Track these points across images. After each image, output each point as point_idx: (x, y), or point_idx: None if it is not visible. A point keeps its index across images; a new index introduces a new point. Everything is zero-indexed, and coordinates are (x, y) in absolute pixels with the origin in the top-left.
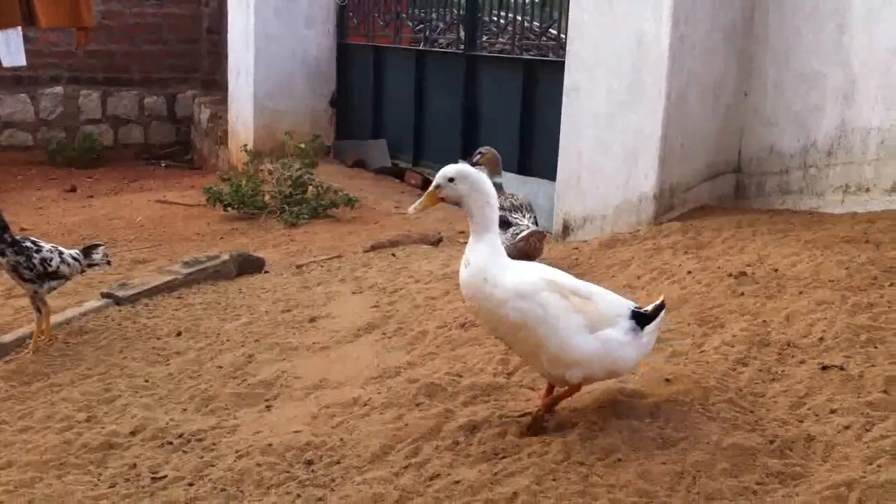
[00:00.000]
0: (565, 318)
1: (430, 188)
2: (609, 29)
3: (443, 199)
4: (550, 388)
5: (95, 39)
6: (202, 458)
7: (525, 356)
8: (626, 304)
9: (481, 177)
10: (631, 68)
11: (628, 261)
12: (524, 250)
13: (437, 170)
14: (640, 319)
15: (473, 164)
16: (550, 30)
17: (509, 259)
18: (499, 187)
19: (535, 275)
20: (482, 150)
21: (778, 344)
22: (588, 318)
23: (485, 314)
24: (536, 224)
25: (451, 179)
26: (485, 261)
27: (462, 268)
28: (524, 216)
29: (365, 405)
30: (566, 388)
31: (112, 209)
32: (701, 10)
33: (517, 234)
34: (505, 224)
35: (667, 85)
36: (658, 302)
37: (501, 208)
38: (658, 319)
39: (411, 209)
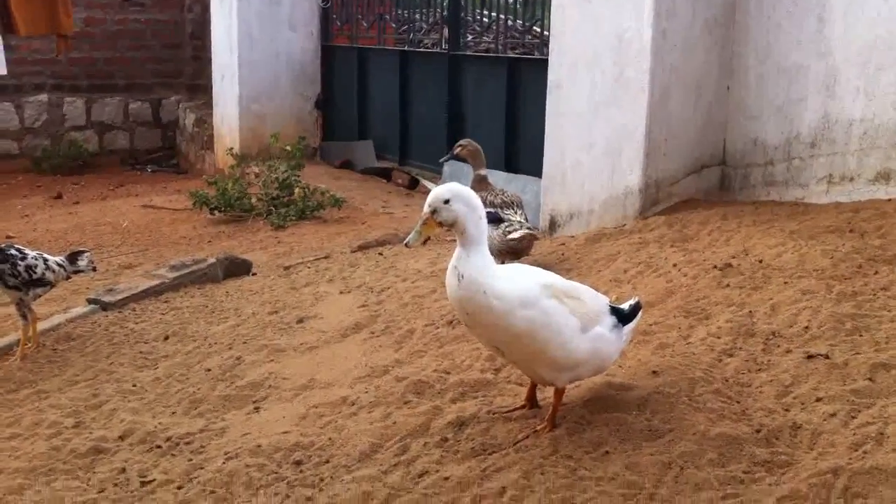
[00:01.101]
0: (565, 322)
1: (425, 214)
2: (591, 25)
3: (440, 224)
4: (533, 387)
5: (78, 46)
6: (191, 461)
7: (520, 362)
8: (604, 301)
9: (473, 193)
10: (613, 64)
11: (615, 255)
12: (515, 248)
13: (424, 169)
14: (618, 315)
15: (454, 157)
16: (534, 28)
17: (497, 265)
18: (484, 179)
19: (533, 281)
20: (462, 142)
21: (763, 334)
22: (581, 319)
23: (484, 327)
24: (527, 220)
25: (447, 201)
26: (480, 273)
27: (453, 282)
28: (516, 212)
29: (353, 404)
30: (558, 392)
31: (98, 215)
32: (682, 5)
33: (509, 231)
34: (496, 220)
35: (649, 80)
36: (634, 301)
37: (492, 205)
38: (637, 318)
39: (410, 241)
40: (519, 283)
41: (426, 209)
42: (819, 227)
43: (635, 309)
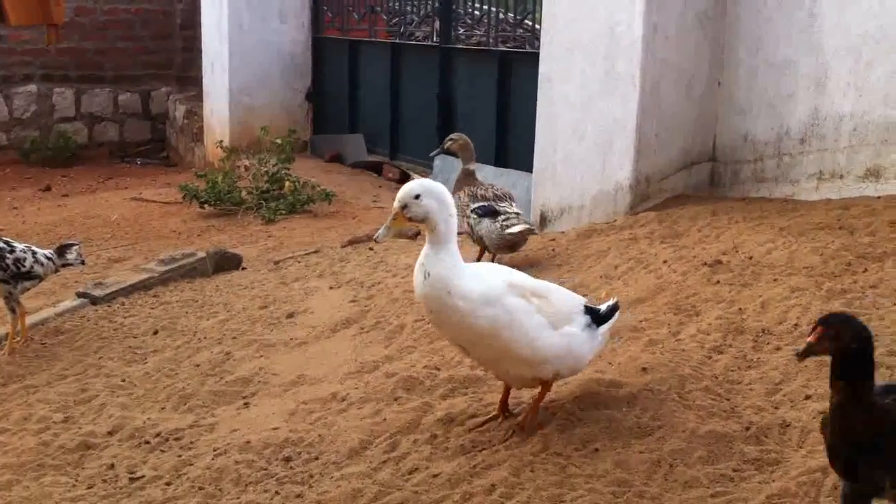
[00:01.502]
0: (529, 319)
1: (395, 209)
2: (583, 17)
3: (410, 220)
4: (507, 393)
5: (68, 37)
6: (180, 456)
7: (487, 362)
8: (579, 300)
9: (444, 189)
10: (604, 57)
11: (605, 251)
12: (512, 242)
13: (415, 163)
14: (593, 315)
15: (445, 151)
16: (526, 21)
17: (465, 263)
18: (472, 174)
19: (498, 279)
20: (453, 136)
21: (753, 331)
22: (549, 317)
23: (449, 325)
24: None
25: (417, 196)
26: (447, 271)
27: (420, 279)
28: (511, 205)
29: (343, 400)
30: (540, 389)
31: (87, 208)
32: None
33: (507, 226)
34: (492, 213)
35: (640, 74)
36: (612, 302)
37: (485, 198)
38: (613, 319)
39: (379, 236)
40: (484, 281)
41: (396, 204)
42: (809, 224)
43: (612, 310)
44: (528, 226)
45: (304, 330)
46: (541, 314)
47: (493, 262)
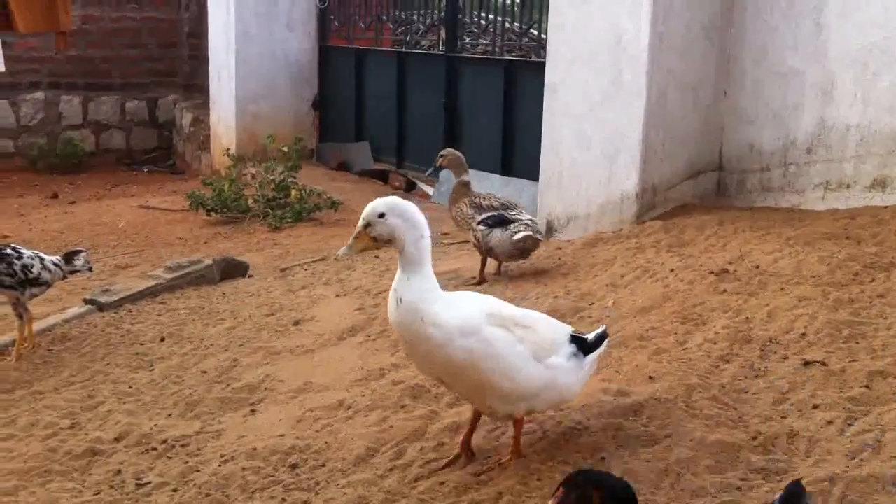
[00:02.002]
0: (511, 351)
1: (359, 227)
2: (589, 27)
3: (374, 239)
4: (471, 433)
5: (75, 45)
6: (187, 463)
7: (465, 394)
8: (564, 330)
9: (414, 208)
10: (611, 67)
11: (611, 259)
12: (522, 248)
13: (421, 171)
14: (580, 344)
15: (438, 168)
16: (531, 31)
17: (441, 291)
18: (467, 184)
19: (475, 308)
20: (443, 153)
21: (760, 340)
22: (532, 348)
23: (422, 356)
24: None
25: (381, 215)
26: (419, 298)
27: (392, 306)
28: (521, 212)
29: (349, 408)
30: (517, 422)
31: (94, 215)
32: (679, 8)
33: (516, 232)
34: (505, 222)
35: (647, 83)
36: (600, 330)
37: (493, 207)
38: (601, 348)
39: (340, 254)
40: (460, 310)
41: (360, 222)
42: (816, 234)
43: (600, 338)
44: (529, 233)
45: (310, 337)
46: (523, 345)
47: (499, 270)
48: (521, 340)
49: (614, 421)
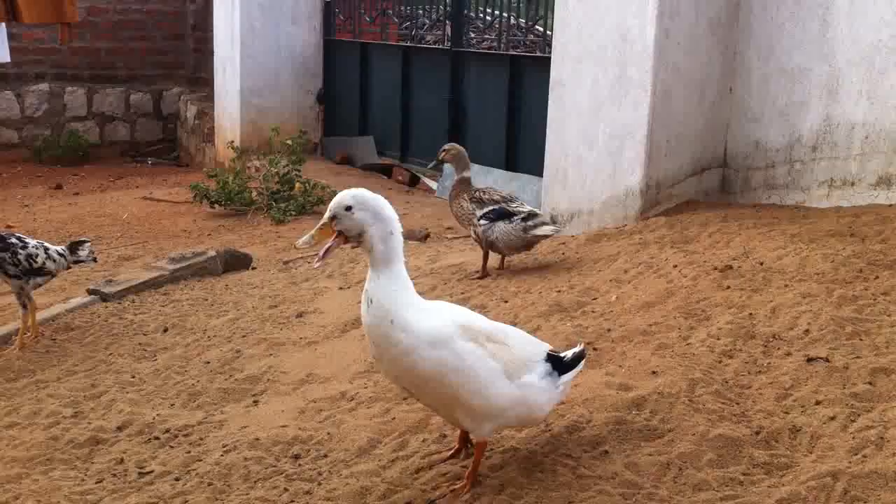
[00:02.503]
0: (482, 366)
1: (324, 219)
2: (594, 22)
3: (340, 233)
4: (464, 436)
5: (80, 36)
6: (189, 452)
7: (433, 406)
8: (541, 348)
9: (384, 202)
10: (616, 62)
11: (615, 255)
12: (531, 241)
13: (425, 166)
14: (556, 363)
15: (440, 162)
16: (537, 26)
17: (417, 296)
18: (468, 181)
19: (448, 318)
20: (446, 146)
21: (764, 336)
22: (504, 364)
23: (390, 362)
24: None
25: (348, 208)
26: (391, 300)
27: (364, 307)
28: (522, 203)
29: (352, 399)
30: (479, 445)
31: (98, 206)
32: (685, 4)
33: (530, 226)
34: (507, 215)
35: (652, 79)
36: (578, 349)
37: (494, 201)
38: (578, 368)
39: (300, 243)
40: (433, 319)
41: (327, 213)
42: (820, 231)
43: (577, 357)
44: (553, 226)
45: (313, 329)
46: (495, 361)
47: (502, 264)
48: (493, 356)
49: (617, 414)
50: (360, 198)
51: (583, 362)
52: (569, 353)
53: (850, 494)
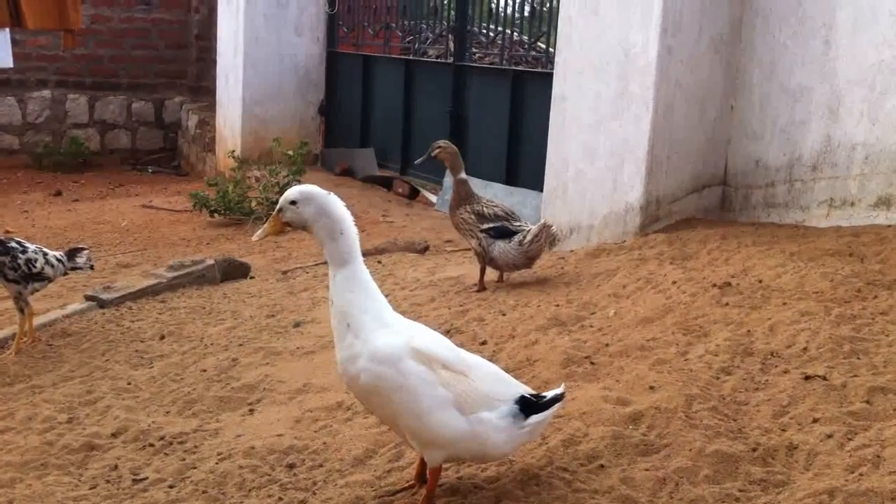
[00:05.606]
0: (426, 391)
1: (275, 212)
2: (597, 39)
3: (288, 225)
4: (423, 463)
5: (83, 44)
6: (184, 460)
7: (380, 418)
8: (514, 390)
9: (331, 199)
10: (618, 78)
11: (614, 270)
12: (532, 256)
13: (425, 179)
14: (528, 406)
15: (431, 158)
16: (538, 43)
17: (381, 303)
18: (466, 183)
19: (403, 338)
20: (440, 143)
21: (761, 353)
22: (457, 395)
23: (342, 365)
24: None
25: (293, 202)
26: (346, 301)
27: (329, 307)
28: (525, 223)
29: (348, 409)
30: (432, 471)
31: (97, 213)
32: (688, 22)
33: (523, 240)
34: (509, 234)
35: (654, 95)
36: (558, 391)
37: (496, 217)
38: (549, 411)
39: (255, 237)
40: (389, 335)
41: (278, 206)
42: (819, 250)
43: (553, 401)
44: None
45: (310, 339)
46: (446, 389)
47: (501, 277)
48: (444, 384)
49: (614, 429)
50: (305, 193)
51: (557, 405)
52: (548, 394)
53: None
